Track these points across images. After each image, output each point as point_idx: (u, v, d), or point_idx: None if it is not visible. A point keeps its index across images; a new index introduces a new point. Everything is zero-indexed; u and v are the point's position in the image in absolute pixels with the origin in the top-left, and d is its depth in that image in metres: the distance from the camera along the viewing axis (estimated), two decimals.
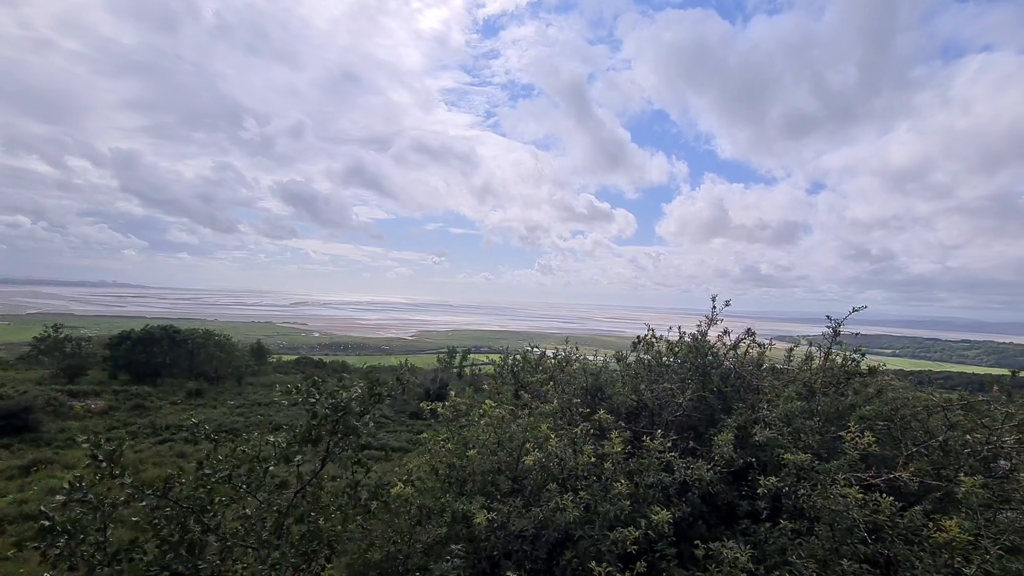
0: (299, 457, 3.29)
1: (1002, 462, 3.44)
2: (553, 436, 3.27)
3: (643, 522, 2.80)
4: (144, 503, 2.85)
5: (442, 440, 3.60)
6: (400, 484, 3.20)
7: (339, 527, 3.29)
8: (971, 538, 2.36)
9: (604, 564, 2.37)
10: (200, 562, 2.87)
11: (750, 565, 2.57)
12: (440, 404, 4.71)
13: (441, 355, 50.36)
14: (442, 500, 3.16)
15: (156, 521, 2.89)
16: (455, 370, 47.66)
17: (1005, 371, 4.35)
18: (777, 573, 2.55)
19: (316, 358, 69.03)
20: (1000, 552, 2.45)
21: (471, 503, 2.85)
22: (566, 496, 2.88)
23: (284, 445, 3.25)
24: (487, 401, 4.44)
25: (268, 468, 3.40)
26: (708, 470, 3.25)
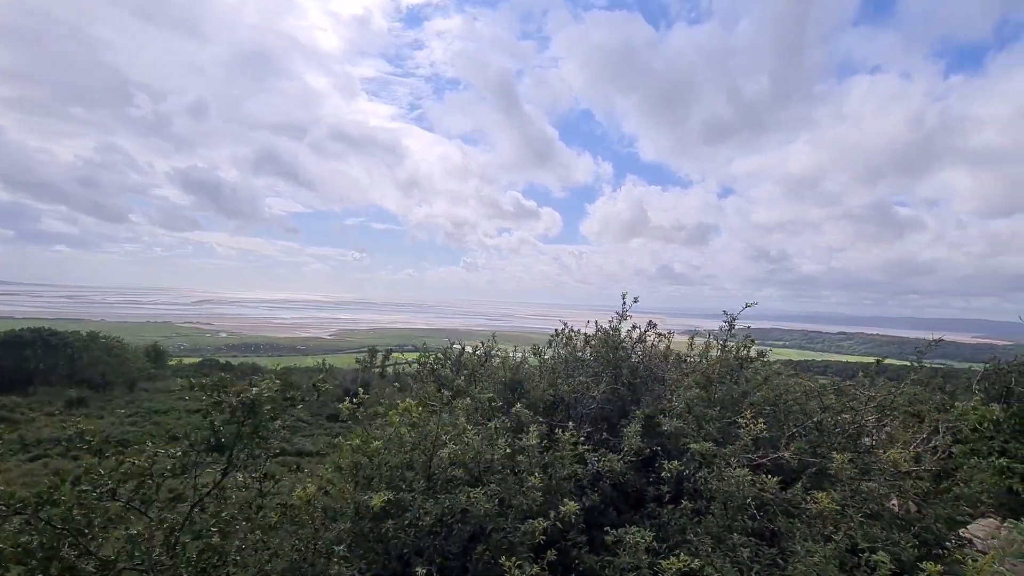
0: (196, 469, 3.01)
1: (865, 439, 3.94)
2: (470, 427, 3.26)
3: (552, 513, 2.87)
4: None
5: (352, 439, 3.47)
6: (302, 488, 3.03)
7: (237, 542, 3.05)
8: (838, 508, 2.68)
9: (514, 558, 2.40)
10: None
11: (654, 545, 2.73)
12: (354, 405, 4.52)
13: (362, 355, 48.66)
14: (344, 494, 3.04)
15: (21, 547, 2.53)
16: (377, 370, 46.30)
17: (874, 359, 4.96)
18: (678, 551, 2.72)
19: (223, 360, 64.10)
20: (862, 519, 2.80)
21: (377, 494, 2.76)
22: (477, 490, 2.88)
23: (179, 454, 2.95)
24: (407, 400, 4.32)
25: (160, 482, 3.09)
26: (619, 461, 3.41)
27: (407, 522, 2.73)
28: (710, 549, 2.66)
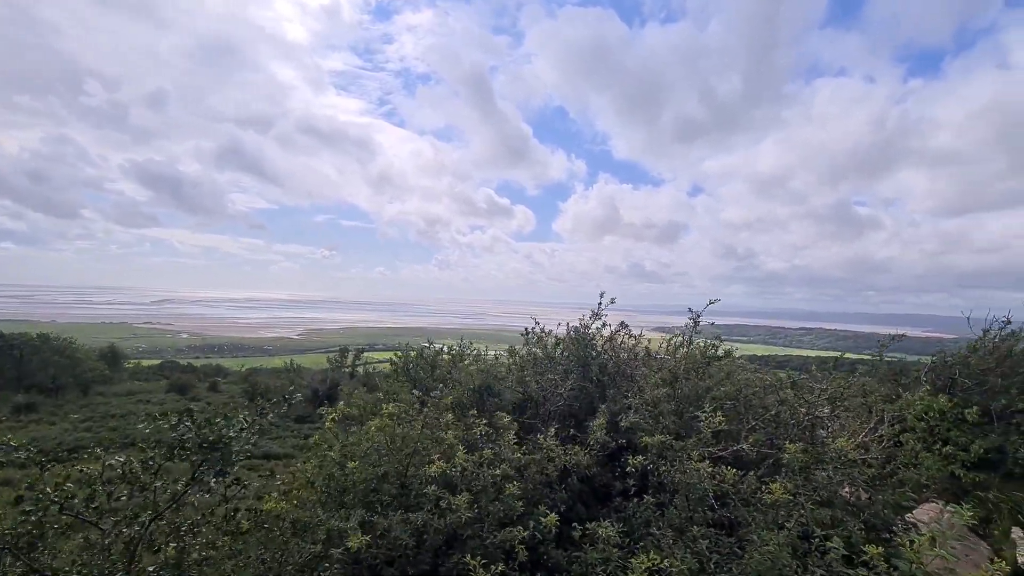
0: (158, 483, 2.91)
1: (820, 430, 4.13)
2: (461, 448, 3.21)
3: (531, 523, 2.89)
4: None
5: (326, 448, 3.41)
6: (272, 498, 2.97)
7: (196, 555, 2.97)
8: (790, 496, 2.80)
9: (479, 557, 2.42)
10: None
11: (618, 538, 2.79)
12: (331, 409, 4.45)
13: (332, 354, 47.66)
14: (317, 515, 2.98)
15: None
16: (347, 370, 45.47)
17: (832, 353, 5.19)
18: (642, 544, 2.80)
19: (184, 362, 61.89)
20: (815, 506, 2.93)
21: (348, 519, 2.72)
22: (460, 496, 2.87)
23: (139, 468, 2.85)
24: (387, 405, 4.24)
25: (113, 492, 2.98)
26: (585, 455, 3.47)
27: (379, 533, 2.71)
28: (671, 541, 2.74)
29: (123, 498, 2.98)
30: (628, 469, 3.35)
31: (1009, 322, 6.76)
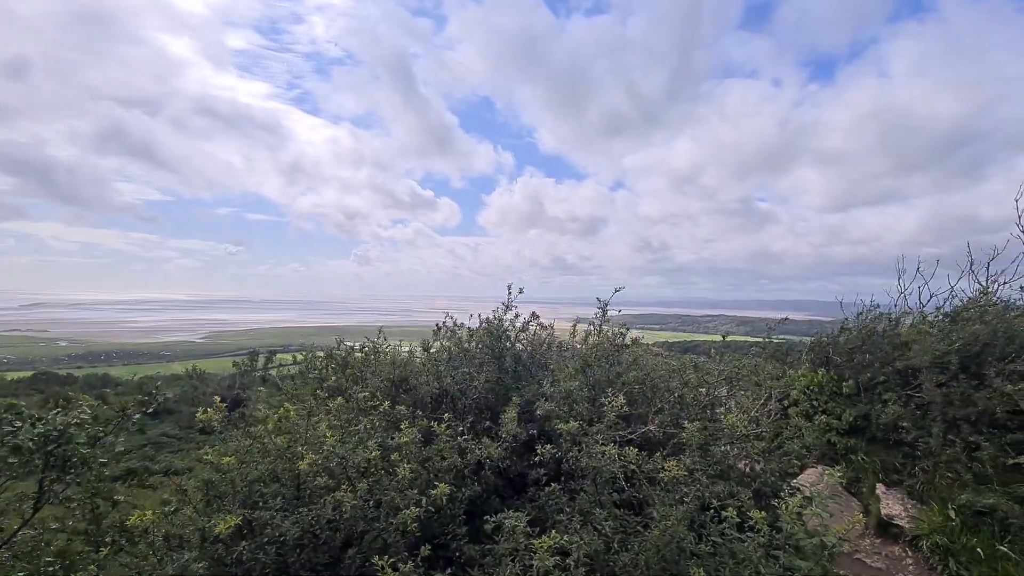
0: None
1: (719, 409, 4.43)
2: (330, 434, 3.08)
3: (423, 500, 2.82)
4: None
5: (207, 454, 3.12)
6: (137, 513, 2.66)
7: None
8: (686, 472, 2.97)
9: (387, 557, 2.32)
10: None
11: (527, 529, 2.80)
12: (216, 412, 4.09)
13: (240, 358, 44.30)
14: (194, 521, 2.72)
15: None
16: (258, 374, 42.53)
17: (733, 337, 5.56)
18: (554, 531, 2.83)
19: (63, 372, 54.72)
20: (712, 479, 3.13)
21: (223, 519, 2.50)
22: (343, 490, 2.73)
23: None
24: (285, 404, 3.98)
25: None
26: (497, 447, 3.45)
27: (266, 540, 2.50)
28: (579, 525, 2.80)
29: None
30: (536, 459, 3.39)
31: (876, 307, 7.72)
